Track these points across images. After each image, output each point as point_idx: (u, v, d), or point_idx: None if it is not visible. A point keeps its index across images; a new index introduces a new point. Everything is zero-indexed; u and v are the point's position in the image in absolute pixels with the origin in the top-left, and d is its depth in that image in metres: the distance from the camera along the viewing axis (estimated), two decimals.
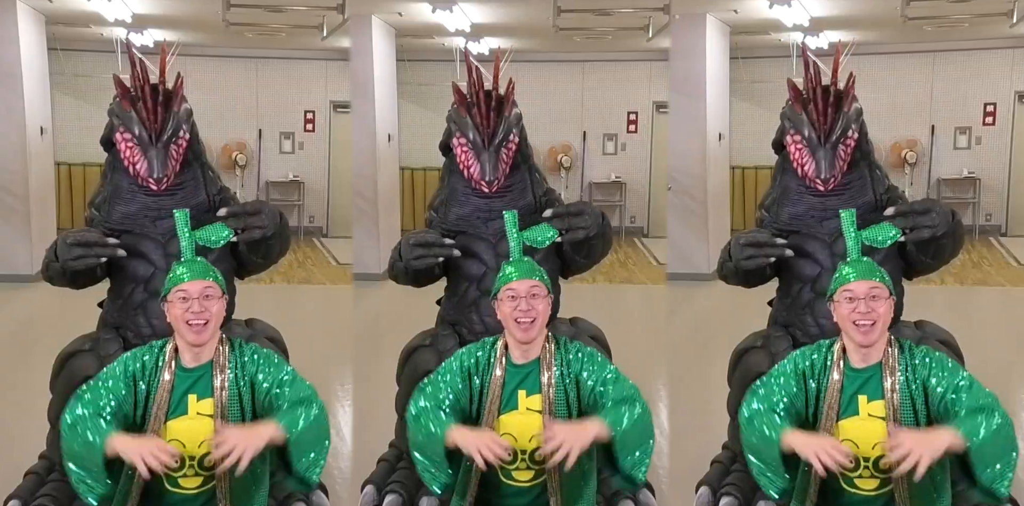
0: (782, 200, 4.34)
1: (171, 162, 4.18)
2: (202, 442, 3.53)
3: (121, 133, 4.21)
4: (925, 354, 3.52)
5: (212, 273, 3.63)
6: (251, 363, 3.59)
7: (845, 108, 4.19)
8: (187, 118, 4.26)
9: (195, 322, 3.51)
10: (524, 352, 3.69)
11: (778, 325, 4.37)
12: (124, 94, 4.22)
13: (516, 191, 4.48)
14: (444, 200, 4.56)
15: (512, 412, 3.66)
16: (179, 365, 3.58)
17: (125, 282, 4.25)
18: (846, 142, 4.20)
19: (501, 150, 4.41)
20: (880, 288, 3.51)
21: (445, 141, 4.56)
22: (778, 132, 4.36)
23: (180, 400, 3.55)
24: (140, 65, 4.23)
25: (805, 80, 4.28)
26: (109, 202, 4.28)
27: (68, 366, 4.12)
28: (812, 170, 4.19)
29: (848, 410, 3.52)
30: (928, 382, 3.47)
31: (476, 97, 4.45)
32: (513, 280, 3.68)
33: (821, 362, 3.58)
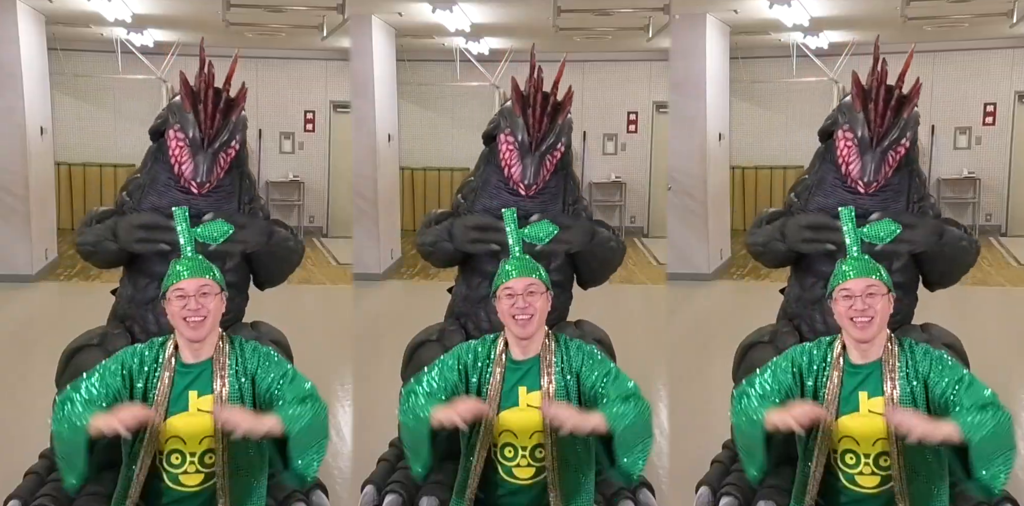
0: (816, 189, 4.28)
1: (217, 168, 4.21)
2: (203, 439, 3.54)
3: (175, 131, 4.23)
4: (925, 351, 3.53)
5: (210, 270, 3.63)
6: (251, 360, 3.59)
7: (905, 113, 4.12)
8: (243, 128, 4.30)
9: (192, 319, 3.52)
10: (524, 349, 3.70)
11: (786, 319, 4.35)
12: (187, 93, 4.23)
13: (548, 195, 4.48)
14: (475, 188, 4.54)
15: (512, 408, 3.67)
16: (179, 362, 3.58)
17: (140, 275, 4.27)
18: (897, 148, 4.13)
19: (546, 156, 4.40)
20: (877, 285, 3.51)
21: (490, 132, 4.54)
22: (828, 120, 4.29)
23: (180, 396, 3.56)
24: (209, 68, 4.26)
25: (870, 77, 4.18)
26: (143, 189, 4.30)
27: (75, 361, 4.15)
28: (857, 171, 4.12)
29: (848, 406, 3.52)
30: (928, 379, 3.48)
31: (534, 98, 4.41)
32: (510, 278, 3.70)
33: (820, 358, 3.58)
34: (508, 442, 3.67)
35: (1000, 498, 3.98)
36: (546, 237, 4.41)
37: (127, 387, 3.55)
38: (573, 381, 3.67)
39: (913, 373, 3.49)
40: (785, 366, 3.60)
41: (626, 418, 3.52)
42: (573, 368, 3.67)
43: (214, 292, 3.57)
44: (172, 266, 3.66)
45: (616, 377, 3.65)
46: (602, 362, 3.69)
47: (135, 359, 3.58)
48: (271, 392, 3.54)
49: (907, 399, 3.47)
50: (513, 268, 3.74)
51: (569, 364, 3.68)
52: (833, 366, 3.55)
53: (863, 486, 3.51)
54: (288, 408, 3.47)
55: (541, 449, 3.65)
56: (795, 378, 3.57)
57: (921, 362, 3.50)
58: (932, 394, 3.46)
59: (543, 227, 4.41)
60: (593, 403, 3.63)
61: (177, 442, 3.55)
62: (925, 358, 3.51)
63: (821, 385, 3.55)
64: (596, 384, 3.64)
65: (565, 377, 3.67)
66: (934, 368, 3.48)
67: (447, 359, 3.76)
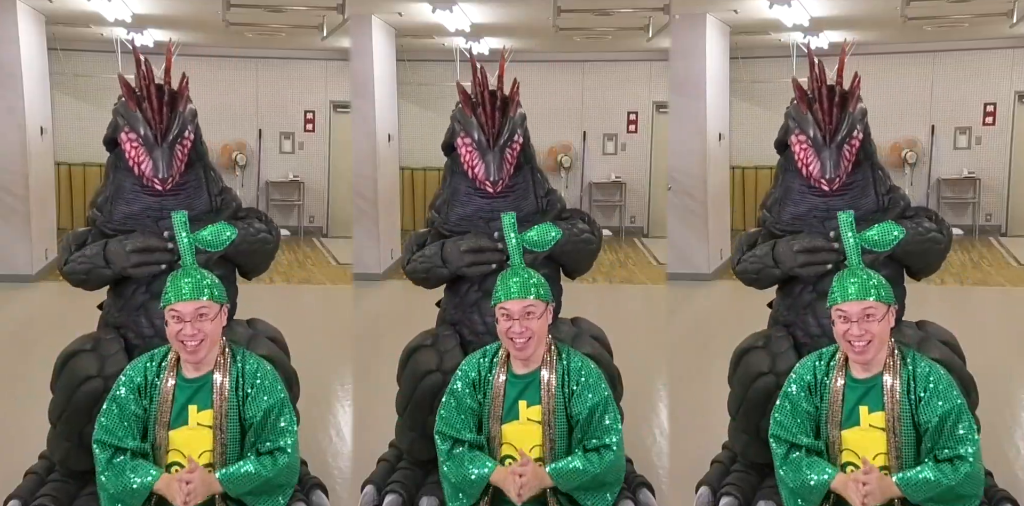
0: (784, 200, 4.31)
1: (176, 162, 4.17)
2: (202, 453, 3.55)
3: (126, 133, 4.19)
4: (928, 371, 3.51)
5: (208, 289, 3.60)
6: (250, 377, 3.60)
7: (850, 108, 4.15)
8: (192, 118, 4.25)
9: (189, 343, 3.52)
10: (525, 363, 3.70)
11: (779, 325, 4.36)
12: (129, 94, 4.20)
13: (519, 191, 4.47)
14: (446, 200, 4.54)
15: (513, 422, 3.68)
16: (180, 375, 3.59)
17: (127, 283, 4.24)
18: (851, 142, 4.15)
19: (506, 150, 4.39)
20: (874, 307, 3.48)
21: (448, 141, 4.55)
22: (781, 131, 4.33)
23: (181, 410, 3.57)
24: (145, 65, 4.21)
25: (810, 80, 4.23)
26: (111, 202, 4.26)
27: (69, 366, 4.12)
28: (817, 170, 4.15)
29: (850, 420, 3.52)
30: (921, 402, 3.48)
31: (481, 97, 4.42)
32: (509, 298, 3.68)
33: (823, 372, 3.58)
34: (508, 455, 3.68)
35: (1000, 498, 3.98)
36: (551, 240, 4.39)
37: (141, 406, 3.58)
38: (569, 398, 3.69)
39: (913, 387, 3.50)
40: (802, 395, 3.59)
41: (577, 476, 3.63)
42: (570, 386, 3.69)
43: (211, 314, 3.57)
44: (171, 280, 3.63)
45: (601, 417, 3.68)
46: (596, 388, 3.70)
47: (141, 377, 3.61)
48: (253, 422, 3.59)
49: (907, 414, 3.49)
50: (512, 287, 3.71)
51: (567, 381, 3.69)
52: (834, 380, 3.55)
53: None
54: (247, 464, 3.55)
55: (540, 463, 3.66)
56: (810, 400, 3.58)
57: (920, 382, 3.49)
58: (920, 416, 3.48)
59: (546, 230, 4.39)
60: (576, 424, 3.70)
61: (177, 455, 3.56)
62: (926, 379, 3.50)
63: (825, 398, 3.56)
64: (583, 412, 3.68)
65: (564, 391, 3.68)
66: (930, 394, 3.48)
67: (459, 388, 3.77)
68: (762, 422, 4.00)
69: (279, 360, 4.16)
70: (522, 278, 3.74)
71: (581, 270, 4.62)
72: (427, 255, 4.44)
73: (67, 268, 4.24)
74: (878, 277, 3.60)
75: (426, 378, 4.25)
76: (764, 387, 4.10)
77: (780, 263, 4.20)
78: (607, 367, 4.16)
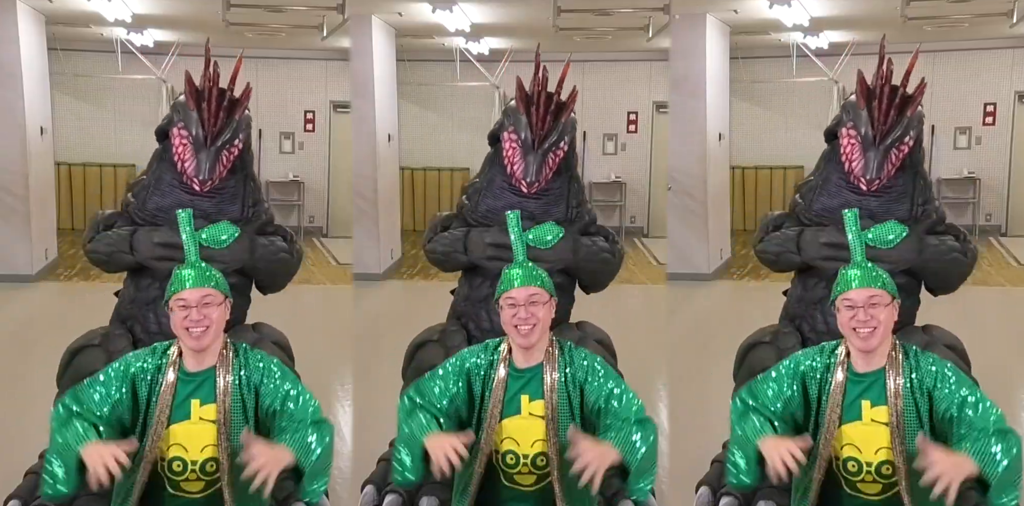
0: (820, 190, 4.27)
1: (220, 167, 4.22)
2: (204, 447, 3.54)
3: (179, 129, 4.25)
4: (932, 362, 3.50)
5: (212, 279, 3.61)
6: (255, 370, 3.59)
7: (908, 112, 4.12)
8: (245, 127, 4.31)
9: (195, 329, 3.52)
10: (527, 357, 3.69)
11: (787, 319, 4.34)
12: (191, 92, 4.26)
13: (553, 196, 4.47)
14: (479, 189, 4.54)
15: (514, 417, 3.68)
16: (182, 369, 3.58)
17: (143, 276, 4.28)
18: (900, 147, 4.12)
19: (549, 154, 4.40)
20: (880, 295, 3.49)
21: (495, 132, 4.55)
22: (834, 120, 4.29)
23: (183, 404, 3.56)
24: (214, 68, 4.29)
25: (875, 76, 4.18)
26: (147, 190, 4.33)
27: (76, 360, 4.15)
28: (860, 168, 4.12)
29: (851, 415, 3.52)
30: (933, 393, 3.46)
31: (537, 96, 4.41)
32: (512, 288, 3.69)
33: (823, 365, 3.57)
34: (510, 449, 3.68)
35: None
36: (552, 240, 4.39)
37: (131, 396, 3.56)
38: (576, 393, 3.66)
39: (917, 384, 3.48)
40: (789, 375, 3.59)
41: (640, 448, 3.52)
42: (576, 379, 3.67)
43: (216, 302, 3.57)
44: (175, 273, 3.64)
45: (622, 395, 3.64)
46: (606, 376, 3.68)
47: (139, 364, 3.59)
48: (273, 408, 3.54)
49: (910, 408, 3.47)
50: (516, 276, 3.72)
51: (572, 375, 3.67)
52: (836, 374, 3.55)
53: (865, 493, 3.52)
54: (300, 436, 3.44)
55: (543, 457, 3.66)
56: (798, 386, 3.57)
57: (926, 373, 3.48)
58: (936, 408, 3.45)
59: (548, 229, 4.40)
60: (596, 416, 3.64)
61: (179, 449, 3.55)
62: (931, 369, 3.48)
63: (825, 393, 3.55)
64: (599, 400, 3.64)
65: (568, 386, 3.67)
66: (939, 382, 3.46)
67: (450, 366, 3.75)
68: None
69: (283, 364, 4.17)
70: (526, 269, 3.76)
71: (598, 286, 4.63)
72: (450, 238, 4.47)
73: (91, 246, 4.33)
74: (882, 270, 3.61)
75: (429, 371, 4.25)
76: None
77: (803, 250, 4.20)
78: None
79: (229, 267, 4.18)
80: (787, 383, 3.58)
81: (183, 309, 3.54)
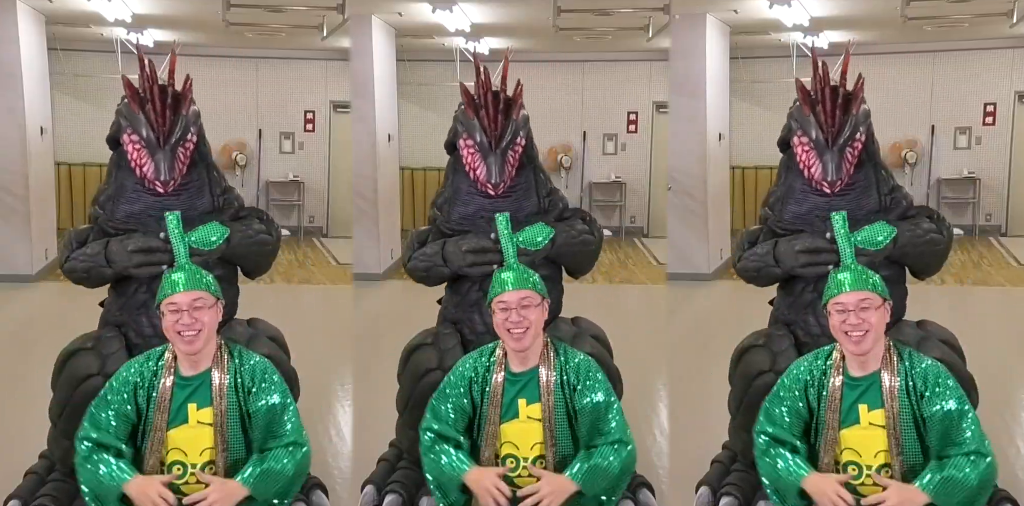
0: (786, 199, 4.29)
1: (178, 165, 4.16)
2: (203, 451, 3.55)
3: (129, 135, 4.17)
4: (926, 368, 3.51)
5: (203, 282, 3.61)
6: (248, 376, 3.60)
7: (853, 110, 4.12)
8: (195, 120, 4.24)
9: (186, 333, 3.52)
10: (523, 360, 3.70)
11: (779, 323, 4.36)
12: (133, 95, 4.19)
13: (520, 191, 4.47)
14: (448, 199, 4.54)
15: (513, 421, 3.68)
16: (178, 374, 3.58)
17: (129, 281, 4.24)
18: (853, 144, 4.13)
19: (508, 153, 4.39)
20: (870, 298, 3.50)
21: (451, 140, 4.54)
22: (784, 130, 4.31)
23: (180, 409, 3.57)
24: (149, 66, 4.19)
25: (813, 80, 4.19)
26: (113, 200, 4.26)
27: (69, 365, 4.12)
28: (819, 173, 4.13)
29: (849, 419, 3.52)
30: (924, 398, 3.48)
31: (484, 98, 4.41)
32: (503, 291, 3.69)
33: (820, 371, 3.58)
34: (509, 453, 3.69)
35: (1000, 498, 3.98)
36: (543, 241, 4.38)
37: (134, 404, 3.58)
38: (571, 394, 3.68)
39: (912, 386, 3.49)
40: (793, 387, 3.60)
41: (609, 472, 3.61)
42: (570, 382, 3.68)
43: (207, 305, 3.57)
44: (165, 277, 3.64)
45: (607, 410, 3.67)
46: (596, 386, 3.69)
47: (138, 376, 3.60)
48: (255, 418, 3.58)
49: (906, 411, 3.48)
50: (507, 280, 3.72)
51: (567, 377, 3.68)
52: (832, 379, 3.55)
53: (866, 496, 3.51)
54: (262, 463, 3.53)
55: (542, 460, 3.67)
56: (803, 396, 3.58)
57: (920, 377, 3.49)
58: (924, 412, 3.47)
59: (538, 230, 4.39)
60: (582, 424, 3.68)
61: (178, 453, 3.56)
62: (925, 374, 3.50)
63: (824, 396, 3.56)
64: (584, 408, 3.67)
65: (564, 389, 3.68)
66: (931, 389, 3.48)
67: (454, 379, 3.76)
68: None
69: (279, 360, 4.16)
70: (517, 272, 3.77)
71: (583, 270, 4.62)
72: (428, 253, 4.44)
73: (68, 266, 4.24)
74: (872, 272, 3.61)
75: (426, 376, 4.25)
76: (764, 385, 4.09)
77: (781, 262, 4.20)
78: (607, 367, 4.16)
79: (210, 258, 4.16)
80: (793, 397, 3.59)
81: (174, 313, 3.54)
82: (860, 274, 3.56)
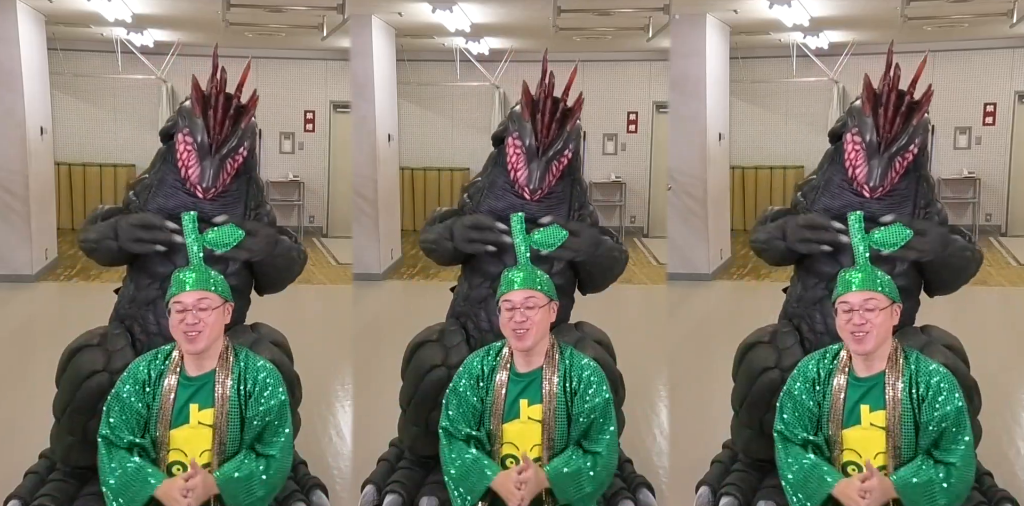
0: (822, 190, 4.25)
1: (223, 175, 4.18)
2: (203, 452, 3.55)
3: (184, 135, 4.21)
4: (931, 373, 3.51)
5: (211, 283, 3.62)
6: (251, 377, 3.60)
7: (915, 120, 4.08)
8: (251, 135, 4.27)
9: (190, 333, 3.53)
10: (527, 360, 3.70)
11: (786, 319, 4.34)
12: (198, 98, 4.20)
13: (555, 199, 4.46)
14: (481, 189, 4.52)
15: (514, 421, 3.69)
16: (183, 374, 3.59)
17: (143, 275, 4.25)
18: (904, 154, 4.09)
19: (553, 162, 4.38)
20: (876, 298, 3.50)
21: (500, 134, 4.53)
22: (839, 123, 4.26)
23: (182, 409, 3.57)
24: (221, 73, 4.22)
25: (882, 81, 4.13)
26: (151, 191, 4.29)
27: (75, 361, 4.13)
28: (863, 175, 4.09)
29: (851, 419, 3.53)
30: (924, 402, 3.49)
31: (544, 103, 4.39)
32: (511, 290, 3.69)
33: (827, 371, 3.59)
34: (510, 453, 3.69)
35: (1000, 498, 3.98)
36: (556, 243, 4.38)
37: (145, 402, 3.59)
38: (571, 399, 3.69)
39: (915, 389, 3.50)
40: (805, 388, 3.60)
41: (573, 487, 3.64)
42: (572, 387, 3.69)
43: (214, 306, 3.58)
44: (175, 276, 3.65)
45: (598, 420, 3.68)
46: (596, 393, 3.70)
47: (146, 374, 3.62)
48: (250, 423, 3.59)
49: (908, 414, 3.49)
50: (515, 279, 3.73)
51: (570, 378, 3.69)
52: (837, 378, 3.55)
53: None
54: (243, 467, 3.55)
55: (539, 462, 3.67)
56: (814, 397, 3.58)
57: (924, 382, 3.50)
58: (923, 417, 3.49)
59: (553, 232, 4.38)
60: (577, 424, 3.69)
61: (179, 454, 3.57)
62: (930, 379, 3.50)
63: (828, 396, 3.56)
64: (580, 414, 3.68)
65: (566, 394, 3.69)
66: (933, 394, 3.49)
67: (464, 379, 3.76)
68: (765, 417, 4.00)
69: (282, 364, 4.16)
70: (526, 272, 3.78)
71: (603, 285, 4.60)
72: (439, 228, 4.46)
73: (82, 235, 4.30)
74: (883, 274, 3.60)
75: (431, 373, 4.26)
76: (769, 382, 4.09)
77: (786, 236, 4.19)
78: (609, 371, 4.15)
79: (254, 256, 4.19)
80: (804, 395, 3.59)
81: (180, 312, 3.55)
82: (869, 274, 3.56)
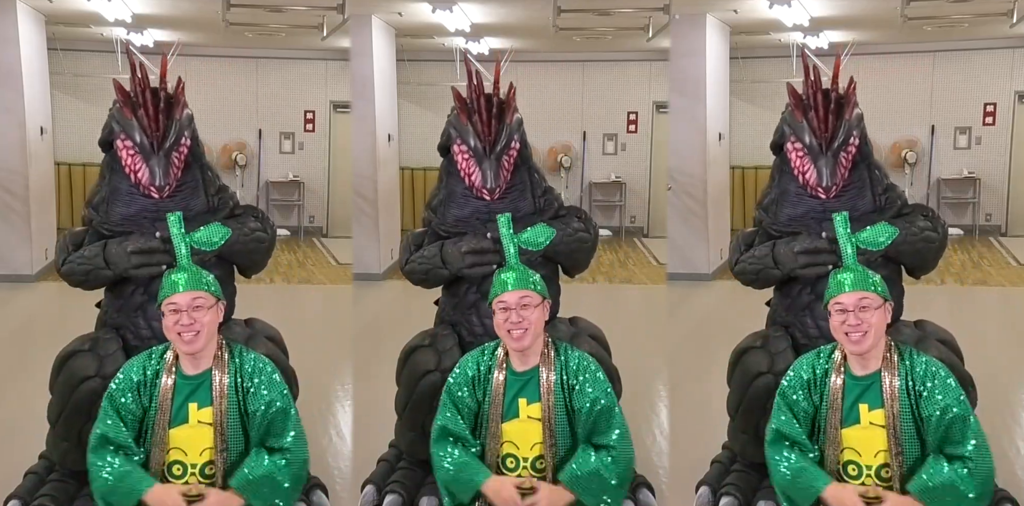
0: (781, 201, 4.28)
1: (173, 170, 4.14)
2: (203, 450, 3.55)
3: (122, 140, 4.15)
4: (927, 367, 3.51)
5: (203, 282, 3.61)
6: (249, 372, 3.59)
7: (846, 115, 4.11)
8: (188, 124, 4.20)
9: (186, 334, 3.52)
10: (523, 360, 3.70)
11: (777, 325, 4.35)
12: (125, 100, 4.15)
13: (515, 192, 4.46)
14: (442, 201, 4.53)
15: (513, 420, 3.68)
16: (179, 373, 3.58)
17: (126, 283, 4.22)
18: (847, 149, 4.12)
19: (502, 158, 4.38)
20: (870, 298, 3.50)
21: (444, 143, 4.53)
22: (776, 134, 4.30)
23: (181, 408, 3.57)
24: (141, 69, 4.16)
25: (805, 84, 4.18)
26: (107, 203, 4.23)
27: (67, 367, 4.11)
28: (814, 179, 4.12)
29: (850, 418, 3.53)
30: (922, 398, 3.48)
31: (477, 103, 4.40)
32: (505, 291, 3.69)
33: (823, 370, 3.59)
34: (510, 453, 3.69)
35: (1000, 498, 3.98)
36: (544, 242, 4.38)
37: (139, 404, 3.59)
38: (570, 394, 3.68)
39: (912, 385, 3.50)
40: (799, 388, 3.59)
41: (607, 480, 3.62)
42: (570, 382, 3.68)
43: (207, 305, 3.57)
44: (166, 278, 3.64)
45: (604, 411, 3.67)
46: (595, 387, 3.69)
47: (140, 375, 3.61)
48: (255, 418, 3.58)
49: (906, 411, 3.49)
50: (508, 280, 3.72)
51: (567, 377, 3.69)
52: (833, 378, 3.55)
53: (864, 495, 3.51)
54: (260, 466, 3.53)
55: (542, 460, 3.67)
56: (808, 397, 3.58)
57: (920, 377, 3.50)
58: (923, 412, 3.48)
59: (540, 231, 4.39)
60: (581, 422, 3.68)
61: (178, 453, 3.56)
62: (926, 374, 3.50)
63: (826, 394, 3.56)
64: (582, 408, 3.67)
65: (564, 388, 3.68)
66: (931, 389, 3.48)
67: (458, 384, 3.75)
68: (761, 422, 4.00)
69: (277, 359, 4.16)
70: (518, 272, 3.77)
71: (579, 268, 4.61)
72: (426, 256, 4.43)
73: (66, 269, 4.21)
74: (873, 273, 3.62)
75: (425, 378, 4.25)
76: (763, 387, 4.10)
77: (780, 264, 4.19)
78: (605, 366, 4.15)
79: (207, 258, 4.14)
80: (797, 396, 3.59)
81: (174, 313, 3.54)
82: (861, 274, 3.57)
